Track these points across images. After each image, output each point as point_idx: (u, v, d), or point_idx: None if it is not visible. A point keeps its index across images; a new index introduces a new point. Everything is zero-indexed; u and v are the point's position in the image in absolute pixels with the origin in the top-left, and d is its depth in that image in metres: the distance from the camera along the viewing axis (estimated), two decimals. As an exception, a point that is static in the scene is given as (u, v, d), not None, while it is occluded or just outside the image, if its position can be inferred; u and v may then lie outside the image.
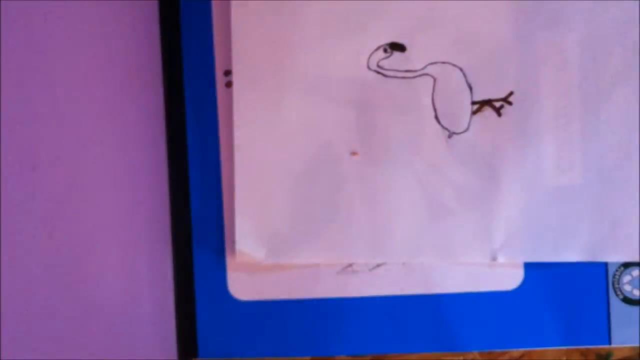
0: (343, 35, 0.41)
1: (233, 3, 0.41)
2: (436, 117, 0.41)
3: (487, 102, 0.41)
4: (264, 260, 0.42)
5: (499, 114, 0.41)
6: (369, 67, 0.41)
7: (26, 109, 0.27)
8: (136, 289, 0.39)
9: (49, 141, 0.28)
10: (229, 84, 0.42)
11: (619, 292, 0.42)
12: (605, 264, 0.42)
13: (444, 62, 0.41)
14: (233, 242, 0.42)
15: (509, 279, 0.42)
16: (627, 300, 0.42)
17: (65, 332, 0.30)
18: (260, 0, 0.41)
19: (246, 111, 0.41)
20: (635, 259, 0.41)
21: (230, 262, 0.43)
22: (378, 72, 0.41)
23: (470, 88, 0.41)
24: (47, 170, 0.28)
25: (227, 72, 0.42)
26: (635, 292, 0.42)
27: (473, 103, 0.41)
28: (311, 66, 0.41)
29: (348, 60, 0.41)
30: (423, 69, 0.41)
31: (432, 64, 0.41)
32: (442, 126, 0.41)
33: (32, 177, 0.27)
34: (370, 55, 0.41)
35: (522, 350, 0.44)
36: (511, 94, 0.41)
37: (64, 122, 0.30)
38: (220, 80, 0.42)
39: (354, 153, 0.41)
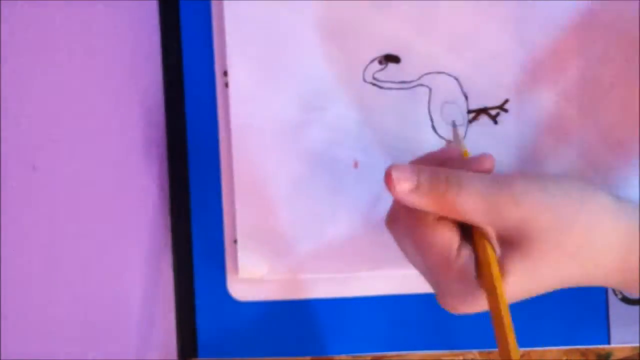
0: (337, 46, 0.41)
1: (225, 3, 0.41)
2: (433, 127, 0.41)
3: (483, 110, 0.41)
4: (266, 277, 0.42)
5: (495, 122, 0.41)
6: (364, 80, 0.41)
7: (26, 109, 0.27)
8: (136, 289, 0.39)
9: (49, 141, 0.28)
10: (228, 85, 0.42)
11: (617, 292, 0.42)
12: (605, 264, 0.42)
13: (438, 72, 0.41)
14: (233, 242, 0.42)
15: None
16: (626, 300, 0.42)
17: (65, 332, 0.30)
18: (253, 0, 0.41)
19: (243, 113, 0.41)
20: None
21: (229, 263, 0.43)
22: (374, 85, 0.41)
23: (466, 97, 0.41)
24: (47, 170, 0.28)
25: (227, 73, 0.42)
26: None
27: (469, 112, 0.41)
28: (306, 73, 0.41)
29: (344, 72, 0.41)
30: (418, 79, 0.41)
31: (427, 74, 0.41)
32: (440, 136, 0.41)
33: (32, 177, 0.27)
34: (366, 67, 0.41)
35: (522, 350, 0.44)
36: (507, 101, 0.41)
37: (64, 122, 0.30)
38: (220, 80, 0.42)
39: (355, 164, 0.41)
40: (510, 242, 0.30)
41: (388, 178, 0.30)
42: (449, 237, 0.30)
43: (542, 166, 0.41)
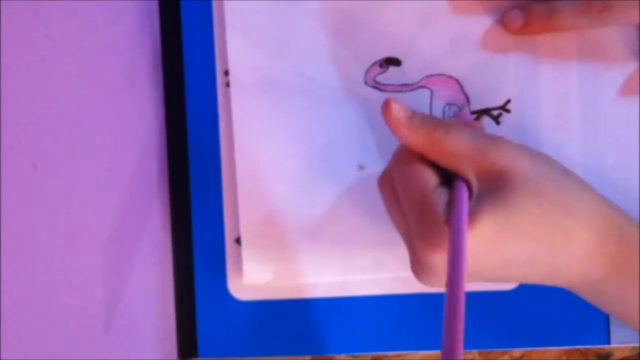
0: (338, 48, 0.41)
1: (226, 2, 0.41)
2: None
3: (485, 111, 0.41)
4: (271, 283, 0.42)
5: (498, 123, 0.41)
6: (366, 83, 0.41)
7: (26, 109, 0.27)
8: (136, 289, 0.39)
9: (49, 141, 0.28)
10: (229, 84, 0.42)
11: (618, 292, 0.42)
12: (605, 264, 0.42)
13: (439, 74, 0.41)
14: (233, 241, 0.42)
15: (508, 279, 0.42)
16: (627, 300, 0.42)
17: (64, 332, 0.30)
18: (254, 0, 0.41)
19: (245, 117, 0.41)
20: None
21: (229, 263, 0.43)
22: (375, 87, 0.41)
23: (467, 98, 0.41)
24: (47, 170, 0.28)
25: (228, 72, 0.42)
26: (635, 292, 0.42)
27: (471, 113, 0.41)
28: (309, 74, 0.41)
29: (345, 74, 0.41)
30: (419, 82, 0.41)
31: (428, 76, 0.41)
32: None
33: (32, 177, 0.27)
34: (367, 71, 0.41)
35: (522, 350, 0.44)
36: (509, 101, 0.41)
37: (64, 122, 0.30)
38: (220, 80, 0.42)
39: (361, 167, 0.41)
40: (489, 192, 0.30)
41: (386, 106, 0.32)
42: (427, 175, 0.32)
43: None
